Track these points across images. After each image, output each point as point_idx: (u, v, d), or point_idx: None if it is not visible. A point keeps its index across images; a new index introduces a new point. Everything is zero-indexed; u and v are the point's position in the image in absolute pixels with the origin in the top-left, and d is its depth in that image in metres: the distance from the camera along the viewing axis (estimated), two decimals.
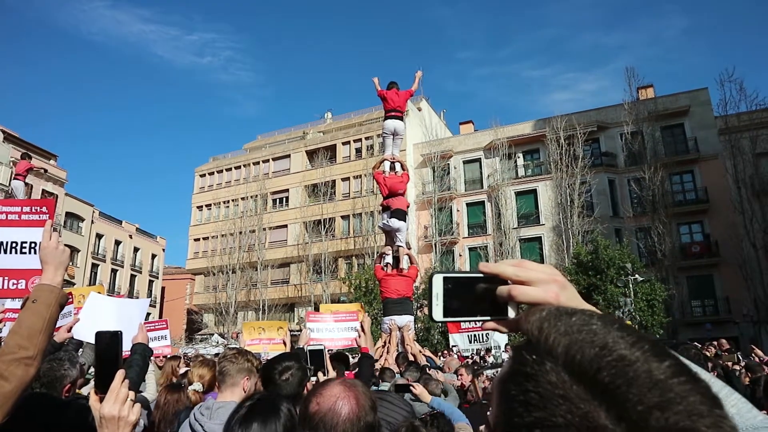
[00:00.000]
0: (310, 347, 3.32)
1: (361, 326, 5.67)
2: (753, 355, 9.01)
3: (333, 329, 6.00)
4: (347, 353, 6.07)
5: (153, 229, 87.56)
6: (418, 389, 4.16)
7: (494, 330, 0.73)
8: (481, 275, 0.72)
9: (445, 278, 0.74)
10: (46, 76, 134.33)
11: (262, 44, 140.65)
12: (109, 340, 1.66)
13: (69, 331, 3.35)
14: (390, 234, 10.93)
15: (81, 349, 3.91)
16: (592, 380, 0.46)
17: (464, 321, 0.76)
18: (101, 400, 1.53)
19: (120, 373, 1.56)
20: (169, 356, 6.32)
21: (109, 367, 1.60)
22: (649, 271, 26.79)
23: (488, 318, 0.73)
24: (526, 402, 0.49)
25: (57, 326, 4.60)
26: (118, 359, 1.66)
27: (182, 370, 6.26)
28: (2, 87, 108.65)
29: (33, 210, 2.84)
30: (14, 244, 3.18)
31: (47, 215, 2.69)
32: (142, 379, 2.86)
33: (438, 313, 0.74)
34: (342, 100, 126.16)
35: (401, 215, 10.89)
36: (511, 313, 0.71)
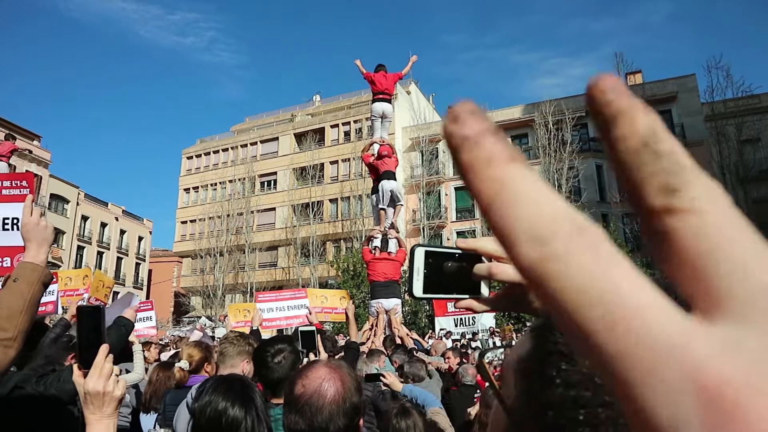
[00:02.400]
0: (302, 328, 3.31)
1: (346, 313, 5.69)
2: None
3: (284, 308, 6.02)
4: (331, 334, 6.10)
5: (139, 211, 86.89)
6: (389, 378, 4.18)
7: (468, 308, 0.70)
8: (460, 251, 0.69)
9: (426, 252, 0.70)
10: (27, 55, 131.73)
11: (245, 25, 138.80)
12: (90, 315, 1.63)
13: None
14: (382, 211, 10.80)
15: (68, 330, 3.89)
16: None
17: (442, 298, 0.72)
18: (85, 375, 1.51)
19: (104, 348, 1.54)
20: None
21: (92, 343, 1.57)
22: (635, 256, 27.10)
23: (466, 296, 0.70)
24: (566, 382, 0.47)
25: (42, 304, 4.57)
26: (101, 334, 1.62)
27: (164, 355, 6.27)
28: None
29: (13, 184, 2.72)
30: None
31: (28, 189, 2.58)
32: (117, 349, 2.81)
33: (418, 289, 0.69)
34: (330, 82, 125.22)
35: (392, 176, 10.73)
36: (485, 291, 0.69)
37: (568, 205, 0.17)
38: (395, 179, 10.78)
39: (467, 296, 0.69)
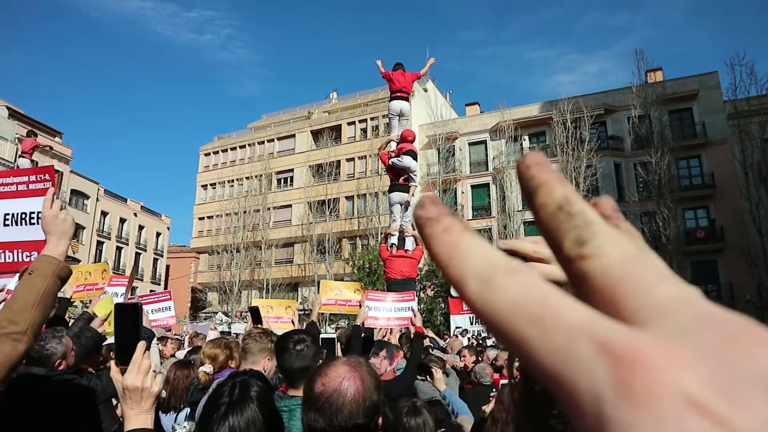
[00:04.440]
0: (323, 335, 3.33)
1: (359, 305, 5.70)
2: None
3: (391, 309, 6.07)
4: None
5: (158, 207, 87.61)
6: (438, 375, 4.20)
7: None
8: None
9: None
10: (50, 53, 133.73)
11: (261, 22, 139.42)
12: (128, 312, 1.64)
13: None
14: (397, 204, 10.75)
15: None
16: None
17: None
18: (123, 372, 1.53)
19: (141, 345, 1.56)
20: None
21: (129, 339, 1.59)
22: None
23: None
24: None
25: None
26: (139, 331, 1.65)
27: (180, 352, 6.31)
28: (7, 64, 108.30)
29: (38, 178, 2.72)
30: (24, 215, 3.13)
31: (50, 182, 2.57)
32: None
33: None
34: (347, 80, 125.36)
35: (413, 155, 10.69)
36: None
37: (506, 255, 0.21)
38: (416, 160, 10.78)
39: None
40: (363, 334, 4.76)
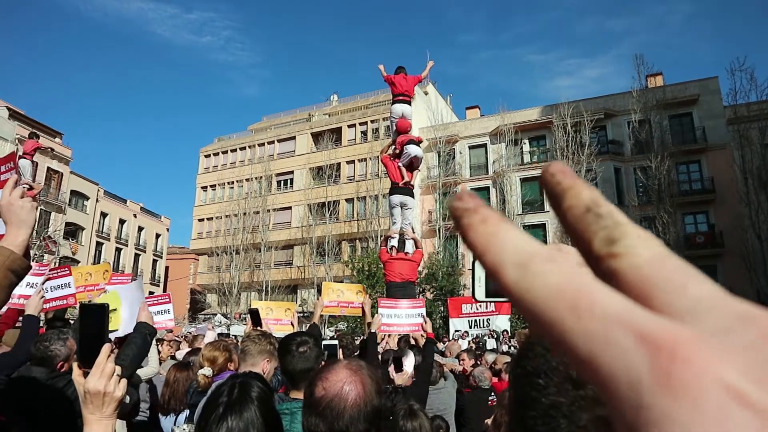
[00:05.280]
0: (325, 342, 3.33)
1: (362, 308, 5.70)
2: None
3: (402, 315, 6.17)
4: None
5: (157, 208, 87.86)
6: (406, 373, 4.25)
7: None
8: None
9: None
10: (50, 54, 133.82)
11: (261, 24, 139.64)
12: (93, 313, 1.59)
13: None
14: (397, 207, 10.77)
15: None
16: None
17: (501, 300, 0.89)
18: (86, 374, 1.48)
19: (106, 347, 1.51)
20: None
21: (94, 341, 1.53)
22: None
23: None
24: (539, 390, 0.57)
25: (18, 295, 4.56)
26: (104, 333, 1.59)
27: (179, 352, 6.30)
28: (7, 65, 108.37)
29: (6, 168, 2.52)
30: None
31: (13, 169, 2.39)
32: (141, 358, 2.81)
33: (480, 294, 0.86)
34: (348, 82, 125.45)
35: (415, 143, 10.75)
36: None
37: (544, 245, 0.22)
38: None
39: None
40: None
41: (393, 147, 11.36)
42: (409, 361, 4.29)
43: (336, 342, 3.26)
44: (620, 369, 0.17)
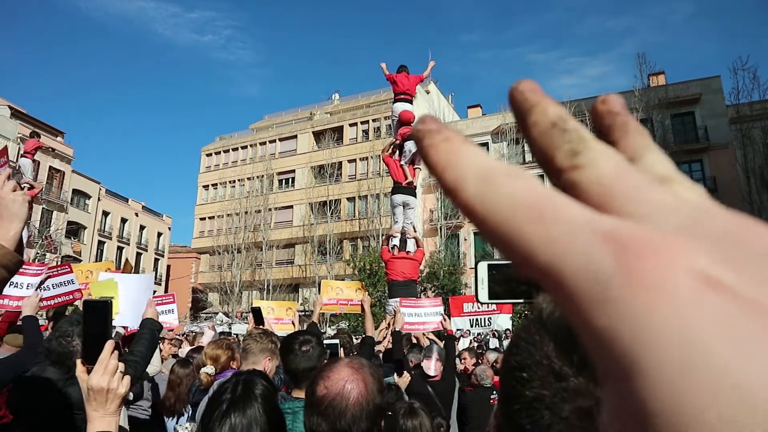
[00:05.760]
0: (326, 341, 3.33)
1: (362, 305, 5.70)
2: None
3: (422, 314, 6.29)
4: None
5: (159, 207, 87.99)
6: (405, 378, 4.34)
7: None
8: None
9: (489, 265, 0.83)
10: (52, 53, 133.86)
11: (262, 23, 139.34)
12: (97, 310, 1.58)
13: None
14: (399, 206, 10.74)
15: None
16: None
17: (504, 302, 0.93)
18: (89, 371, 1.48)
19: (109, 344, 1.50)
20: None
21: (97, 338, 1.52)
22: None
23: (521, 300, 0.85)
24: (524, 384, 0.58)
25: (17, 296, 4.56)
26: (107, 329, 1.59)
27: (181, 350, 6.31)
28: (9, 64, 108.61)
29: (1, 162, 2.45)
30: None
31: (6, 163, 2.29)
32: (152, 354, 2.79)
33: (483, 296, 0.85)
34: (349, 81, 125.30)
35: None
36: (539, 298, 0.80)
37: (507, 163, 0.21)
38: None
39: (522, 300, 0.83)
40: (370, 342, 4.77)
41: (394, 142, 11.38)
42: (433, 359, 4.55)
43: (337, 341, 3.25)
44: (585, 269, 0.17)
